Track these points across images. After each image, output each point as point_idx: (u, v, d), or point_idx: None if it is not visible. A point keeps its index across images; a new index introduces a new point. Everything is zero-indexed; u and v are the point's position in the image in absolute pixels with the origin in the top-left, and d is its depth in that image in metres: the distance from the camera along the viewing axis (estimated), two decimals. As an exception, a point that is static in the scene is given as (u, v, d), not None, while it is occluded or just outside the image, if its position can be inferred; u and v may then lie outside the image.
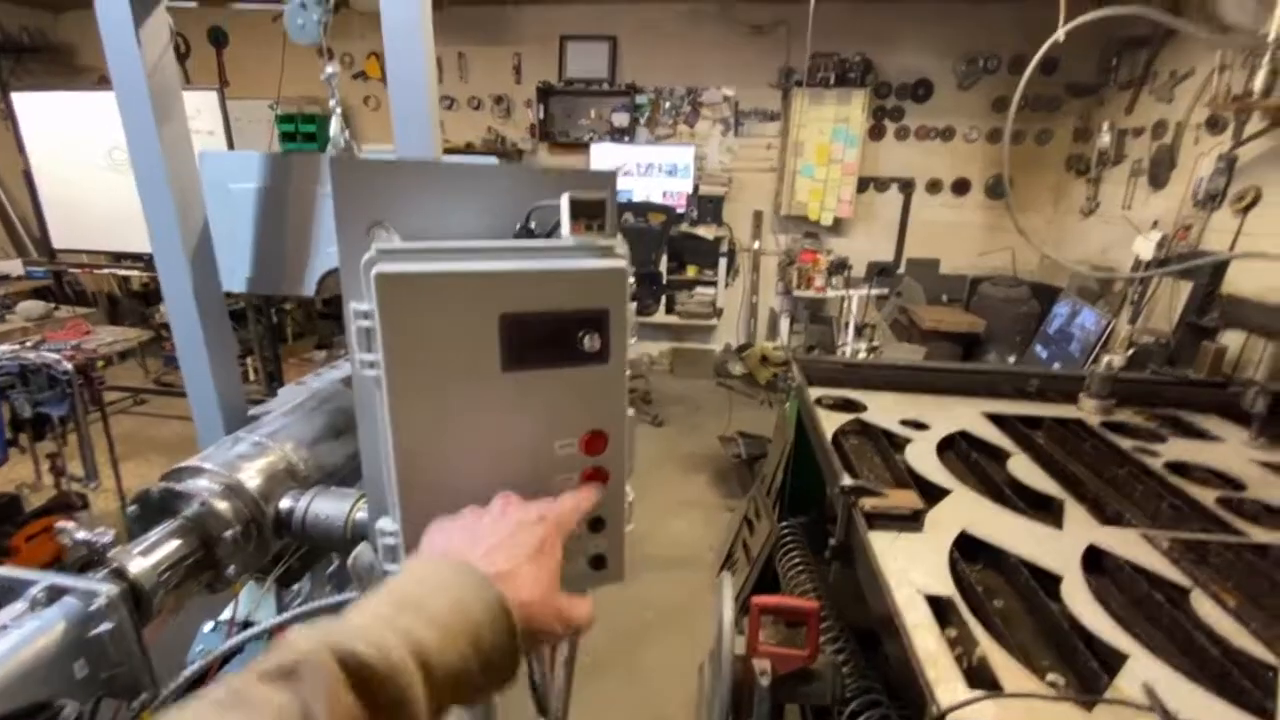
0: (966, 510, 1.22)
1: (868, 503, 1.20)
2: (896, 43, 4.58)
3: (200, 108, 3.81)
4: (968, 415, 1.68)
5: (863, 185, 4.83)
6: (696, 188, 4.82)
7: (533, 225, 0.48)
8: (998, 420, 1.66)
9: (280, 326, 4.43)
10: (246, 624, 0.76)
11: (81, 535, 0.59)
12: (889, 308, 4.80)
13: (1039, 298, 4.22)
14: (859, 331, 3.43)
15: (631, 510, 0.50)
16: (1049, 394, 1.86)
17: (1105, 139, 3.96)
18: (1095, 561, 1.08)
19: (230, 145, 3.83)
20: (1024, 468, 1.41)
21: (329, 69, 0.83)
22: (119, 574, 0.58)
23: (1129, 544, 1.11)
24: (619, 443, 0.46)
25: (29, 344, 1.79)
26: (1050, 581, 1.01)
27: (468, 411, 0.43)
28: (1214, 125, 3.17)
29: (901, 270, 4.94)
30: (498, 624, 0.37)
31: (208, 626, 0.72)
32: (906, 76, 4.66)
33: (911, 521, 1.17)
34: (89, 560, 0.59)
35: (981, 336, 4.32)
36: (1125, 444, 1.50)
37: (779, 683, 1.17)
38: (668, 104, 4.90)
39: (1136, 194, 3.79)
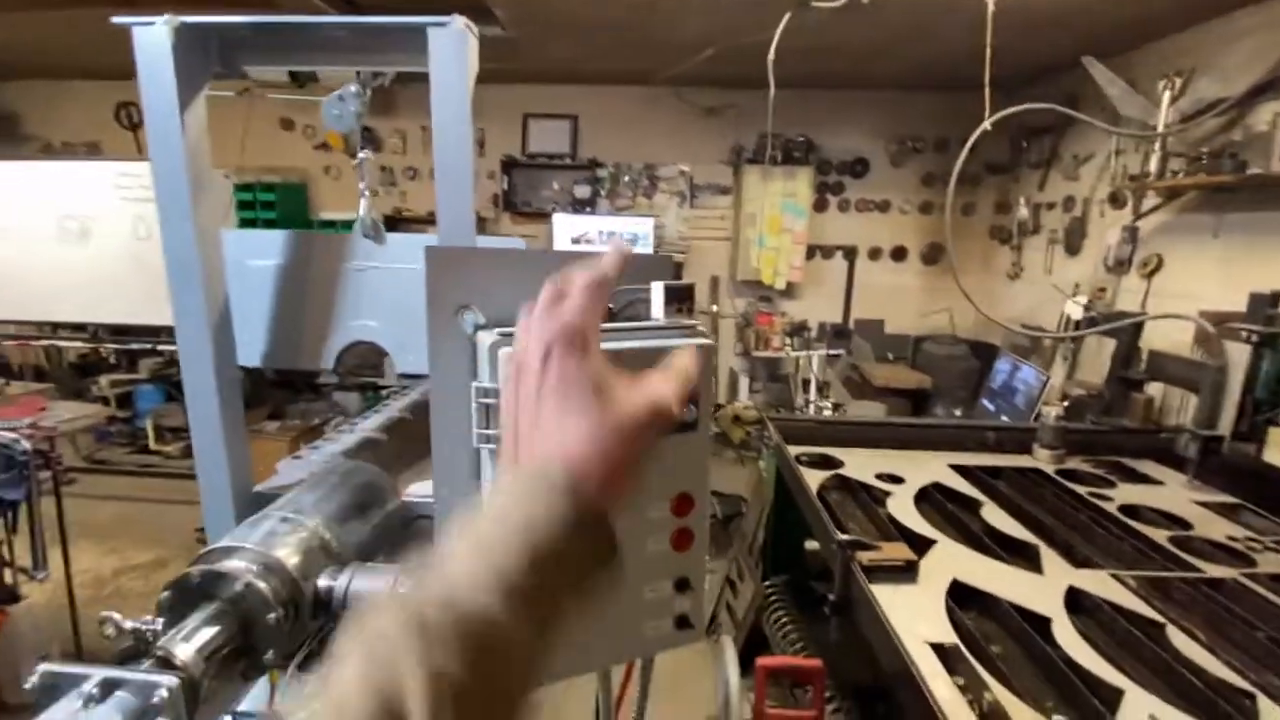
0: (954, 559, 1.28)
1: (865, 556, 1.24)
2: (835, 125, 5.01)
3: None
4: (936, 467, 1.77)
5: (811, 252, 5.14)
6: (657, 254, 5.02)
7: (612, 306, 0.53)
8: (963, 471, 1.75)
9: (253, 397, 4.23)
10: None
11: (127, 624, 0.58)
12: (841, 365, 5.03)
13: (977, 355, 4.52)
14: (821, 390, 3.58)
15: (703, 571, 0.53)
16: (1005, 445, 1.98)
17: (1023, 212, 4.39)
18: (1076, 602, 1.15)
19: (186, 214, 3.75)
20: (997, 516, 1.49)
21: (361, 153, 0.87)
22: (167, 663, 0.56)
23: (1103, 584, 1.19)
24: (703, 505, 0.50)
25: (-23, 423, 1.67)
26: (1040, 624, 1.07)
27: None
28: (1116, 200, 3.58)
29: (850, 330, 5.22)
30: (584, 532, 0.33)
31: None
32: (845, 155, 5.08)
33: (906, 573, 1.22)
34: (135, 652, 0.57)
35: (929, 391, 4.56)
36: (1081, 490, 1.61)
37: (785, 747, 1.17)
38: (627, 177, 5.15)
39: (1055, 260, 4.18)
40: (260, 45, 0.81)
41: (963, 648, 1.00)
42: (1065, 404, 3.22)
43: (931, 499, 1.61)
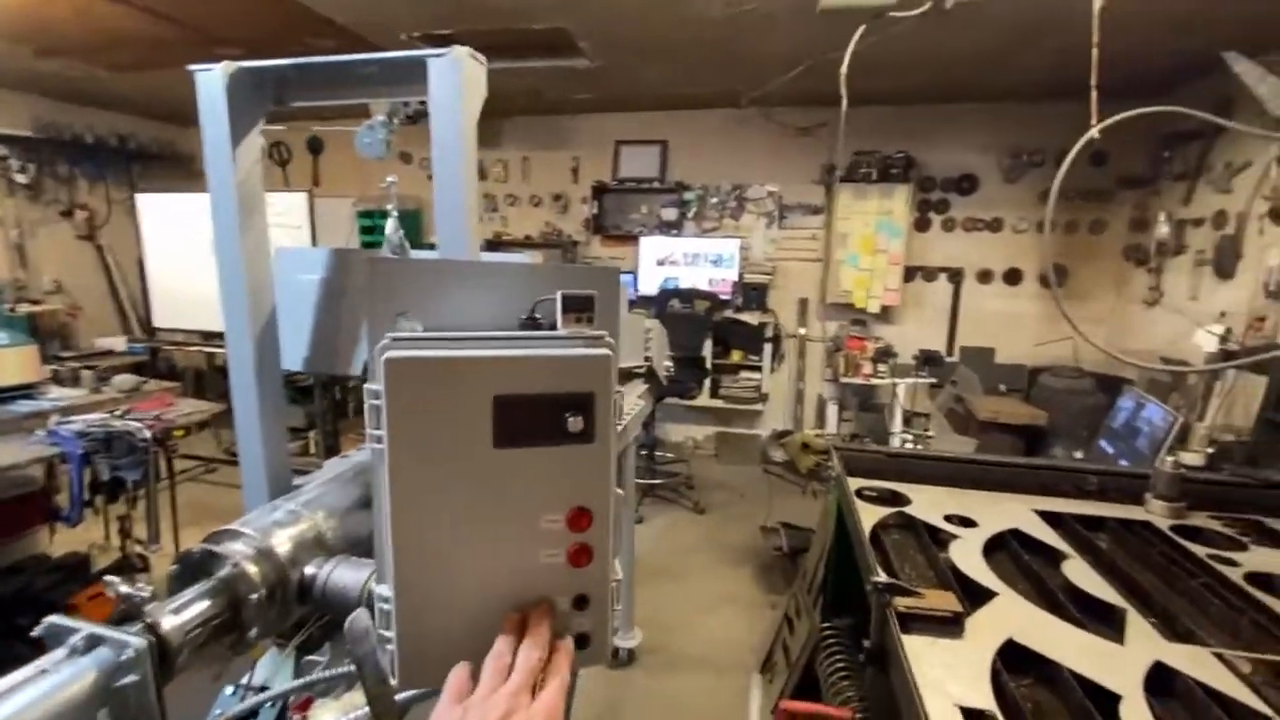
0: (1014, 617, 1.14)
1: (902, 603, 1.13)
2: (940, 140, 4.72)
3: (292, 206, 4.27)
4: (1020, 513, 1.59)
5: (910, 274, 4.85)
6: (741, 276, 4.96)
7: (538, 316, 0.53)
8: (1053, 519, 1.56)
9: (343, 403, 4.68)
10: (263, 689, 0.78)
11: (124, 589, 0.64)
12: (943, 397, 4.66)
13: (1105, 390, 4.01)
14: (908, 421, 3.33)
15: (618, 592, 0.51)
16: (1110, 493, 1.74)
17: (1163, 230, 3.88)
18: (1161, 682, 0.98)
19: (314, 239, 4.24)
20: (1081, 573, 1.31)
21: (389, 179, 0.95)
22: (151, 629, 0.62)
23: (1201, 664, 1.00)
24: (603, 521, 0.48)
25: (117, 413, 1.98)
26: (1108, 702, 0.92)
27: (461, 484, 0.46)
28: (1278, 216, 3.07)
29: (955, 358, 4.83)
30: None
31: (228, 690, 0.75)
32: (950, 171, 4.77)
33: (951, 625, 1.10)
34: (127, 614, 0.64)
35: (1045, 429, 4.11)
36: (1199, 550, 1.38)
37: (811, 799, 1.08)
38: (714, 199, 5.15)
39: (1203, 284, 3.64)
40: (304, 83, 0.91)
41: (999, 716, 0.89)
42: (1210, 449, 2.78)
43: (1007, 547, 1.45)
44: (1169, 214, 3.92)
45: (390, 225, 0.96)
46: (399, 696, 0.55)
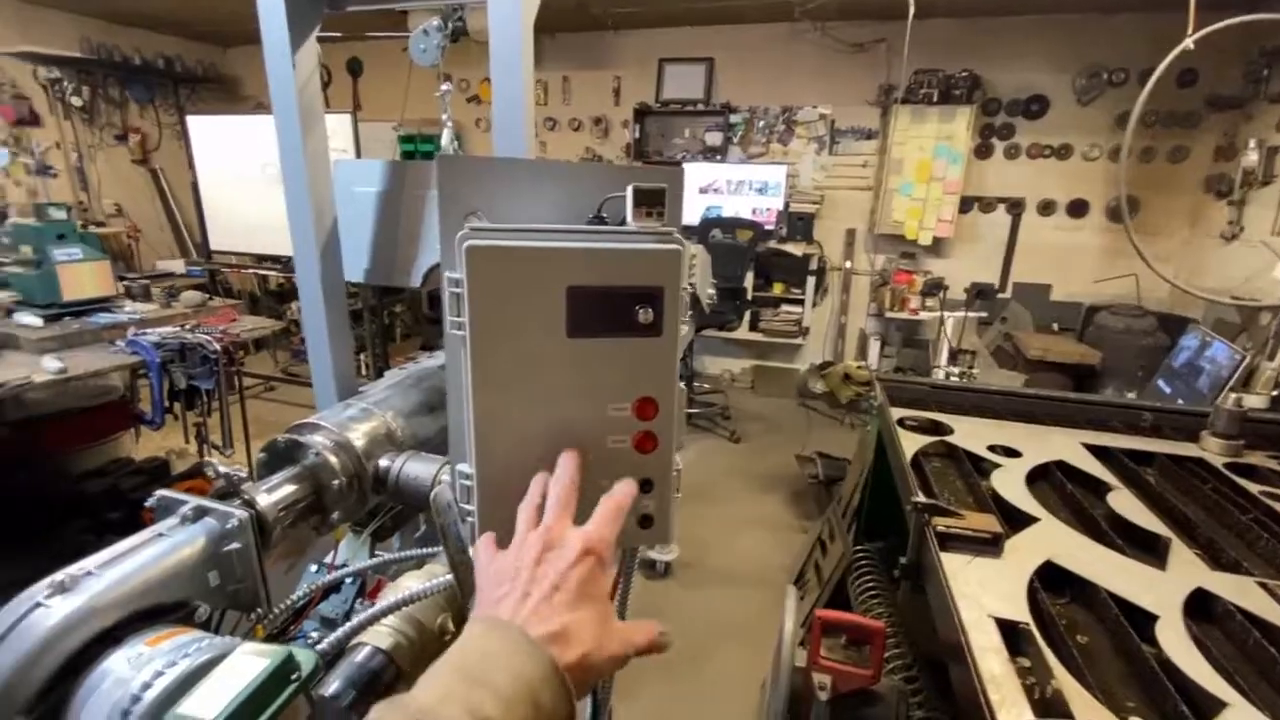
0: (1054, 540, 1.15)
1: (941, 522, 1.16)
2: (1008, 58, 4.36)
3: (336, 129, 4.27)
4: (1066, 445, 1.57)
5: (966, 205, 4.61)
6: (787, 205, 4.79)
7: (604, 215, 0.54)
8: (1100, 453, 1.54)
9: (390, 327, 4.82)
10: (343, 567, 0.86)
11: (224, 469, 0.71)
12: (992, 333, 4.53)
13: (1167, 329, 3.84)
14: (954, 357, 3.27)
15: (679, 480, 0.54)
16: (1165, 430, 1.70)
17: (1252, 157, 3.56)
18: (1200, 607, 0.99)
19: (358, 162, 4.25)
20: (1127, 503, 1.30)
21: (443, 86, 0.94)
22: (249, 504, 0.69)
23: (1244, 591, 1.01)
24: (668, 411, 0.51)
25: (187, 327, 2.09)
26: (1144, 622, 0.94)
27: (535, 370, 0.49)
28: (1390, 141, 2.79)
29: (1007, 294, 4.65)
30: (554, 688, 0.40)
31: (313, 568, 0.83)
32: (1018, 92, 4.42)
33: (989, 546, 1.12)
34: (226, 491, 0.71)
35: (1096, 369, 3.98)
36: (1253, 487, 1.36)
37: (839, 701, 1.15)
38: (761, 123, 4.92)
39: (1291, 218, 3.38)
40: (359, -16, 0.89)
41: (1034, 630, 0.92)
42: (1275, 392, 2.65)
43: (1051, 478, 1.45)
44: (1260, 140, 3.59)
45: (445, 136, 0.96)
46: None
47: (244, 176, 4.20)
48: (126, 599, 0.55)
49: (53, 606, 0.51)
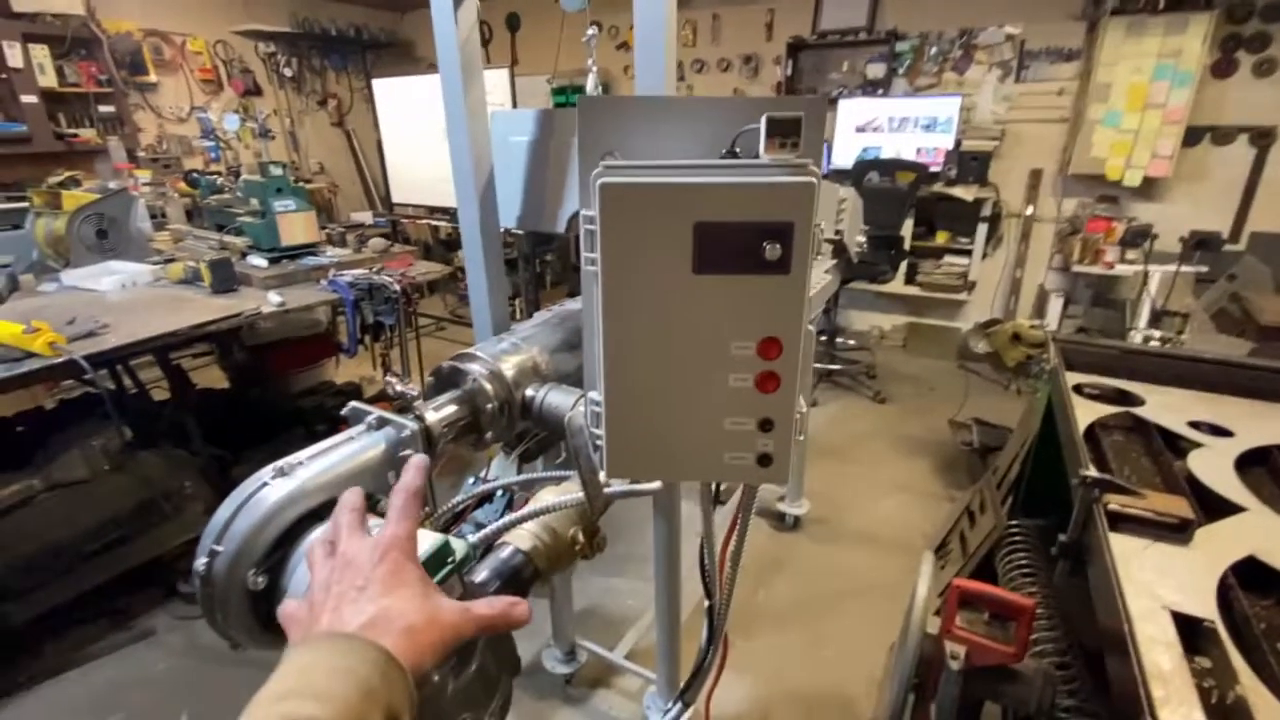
0: (1263, 534, 0.99)
1: (1115, 500, 1.03)
2: (1278, -58, 3.45)
3: (495, 84, 4.51)
4: (1297, 427, 1.31)
5: (1193, 136, 3.80)
6: (959, 143, 4.27)
7: (738, 149, 0.53)
8: (1349, 439, 1.26)
9: (542, 275, 5.12)
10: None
11: (400, 388, 0.82)
12: (1215, 292, 3.77)
13: None
14: (1158, 319, 2.78)
15: (803, 423, 0.54)
16: None
17: None
18: None
19: (515, 115, 4.48)
20: (1378, 501, 1.07)
21: (589, 31, 0.95)
22: (420, 419, 0.80)
23: None
24: (793, 351, 0.50)
25: (374, 270, 2.40)
26: (1380, 644, 0.78)
27: (663, 305, 0.50)
28: None
29: (1239, 246, 3.83)
30: (381, 668, 0.39)
31: (470, 480, 0.94)
32: (1287, -13, 3.49)
33: (1175, 532, 0.98)
34: (402, 407, 0.82)
35: (1363, 340, 3.18)
36: None
37: (975, 674, 1.09)
38: (934, 49, 4.38)
39: None
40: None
41: (1221, 629, 0.80)
42: None
43: (1271, 465, 1.22)
44: None
45: (590, 81, 0.98)
46: (609, 491, 0.64)
47: (421, 133, 4.62)
48: (328, 485, 0.66)
49: (274, 486, 0.63)
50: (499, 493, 0.86)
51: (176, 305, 2.07)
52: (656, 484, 0.73)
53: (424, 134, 4.60)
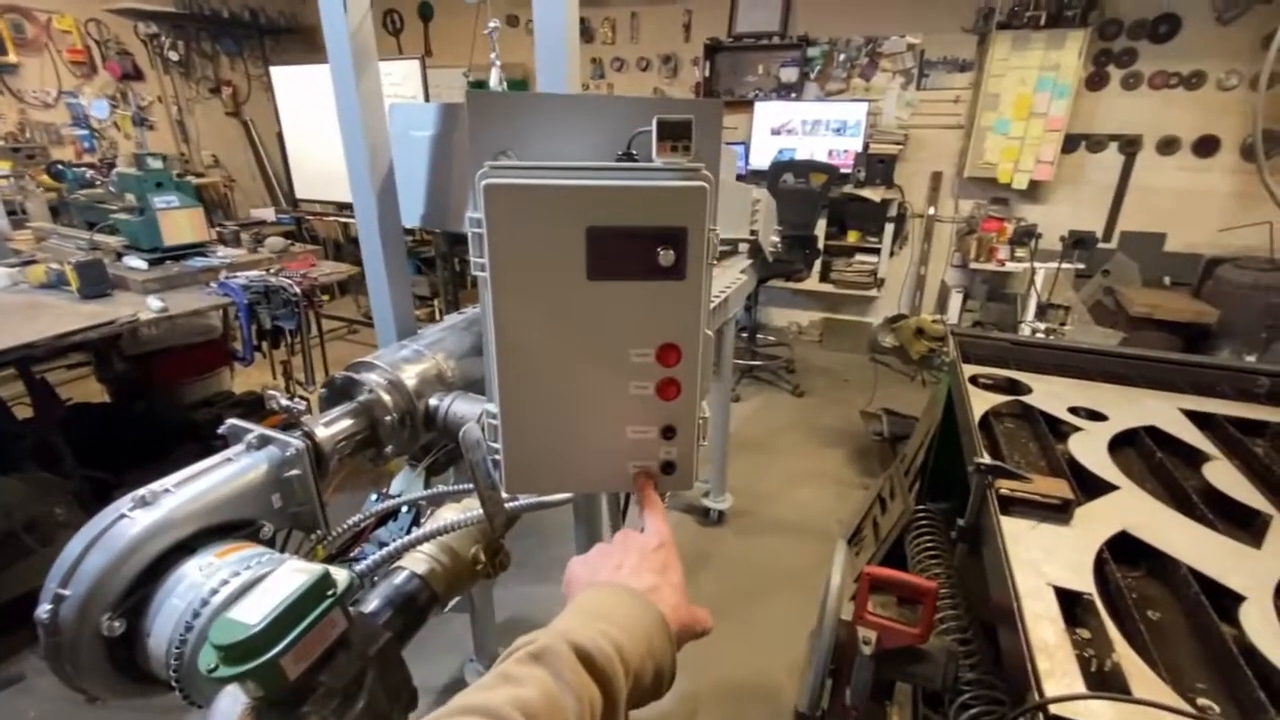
0: (1132, 511, 1.08)
1: (1005, 485, 1.10)
2: (1137, -31, 3.82)
3: (406, 75, 4.32)
4: (1161, 410, 1.45)
5: (1071, 144, 4.17)
6: (867, 146, 4.49)
7: (634, 151, 0.52)
8: (1201, 420, 1.41)
9: (461, 274, 4.97)
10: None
11: (284, 402, 0.75)
12: (1090, 287, 4.16)
13: (1303, 285, 3.40)
14: (1043, 312, 3.03)
15: (705, 429, 0.53)
16: (1283, 398, 1.53)
17: None
18: (1300, 592, 0.90)
19: (429, 109, 4.30)
20: (1225, 475, 1.20)
21: (491, 23, 0.91)
22: (308, 435, 0.74)
23: (1357, 578, 0.91)
24: (692, 357, 0.49)
25: (272, 271, 2.23)
26: (1230, 603, 0.87)
27: (557, 313, 0.48)
28: None
29: (1111, 245, 4.23)
30: (662, 631, 0.44)
31: (373, 497, 0.88)
32: (1145, 10, 3.89)
33: (1056, 512, 1.06)
34: (288, 424, 0.75)
35: (1212, 329, 3.60)
36: (1388, 465, 1.21)
37: (885, 656, 1.14)
38: (842, 56, 4.58)
39: None
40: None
41: (1098, 601, 0.87)
42: None
43: (1139, 445, 1.34)
44: None
45: (494, 76, 0.95)
46: (512, 506, 0.61)
47: (326, 125, 4.35)
48: (198, 514, 0.60)
49: (135, 518, 0.56)
50: (403, 509, 0.82)
51: (35, 313, 1.84)
52: (565, 495, 0.71)
53: (329, 126, 4.33)
